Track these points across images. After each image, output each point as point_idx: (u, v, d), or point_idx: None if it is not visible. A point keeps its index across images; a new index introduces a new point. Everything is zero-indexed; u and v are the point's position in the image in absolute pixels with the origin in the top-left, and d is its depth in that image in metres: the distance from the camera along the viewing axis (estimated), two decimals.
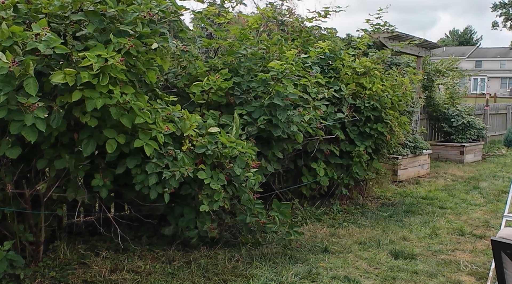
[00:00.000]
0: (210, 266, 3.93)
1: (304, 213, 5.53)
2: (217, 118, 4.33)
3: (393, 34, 8.19)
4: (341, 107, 5.74)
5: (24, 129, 2.88)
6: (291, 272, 3.89)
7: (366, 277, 3.92)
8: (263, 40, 5.19)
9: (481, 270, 4.15)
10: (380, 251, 4.51)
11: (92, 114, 3.17)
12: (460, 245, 4.84)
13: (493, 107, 14.40)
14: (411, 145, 8.37)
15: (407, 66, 8.73)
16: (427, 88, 10.52)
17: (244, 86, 4.74)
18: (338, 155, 5.72)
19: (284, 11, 6.86)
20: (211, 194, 3.81)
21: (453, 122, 10.69)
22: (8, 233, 3.55)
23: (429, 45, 9.76)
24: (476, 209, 6.34)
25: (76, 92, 3.00)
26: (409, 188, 7.58)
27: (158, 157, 3.54)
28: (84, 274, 3.67)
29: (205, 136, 3.85)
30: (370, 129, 5.92)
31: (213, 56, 5.33)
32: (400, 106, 6.35)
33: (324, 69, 5.94)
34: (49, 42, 2.83)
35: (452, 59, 13.47)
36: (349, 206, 6.14)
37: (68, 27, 3.16)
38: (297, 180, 5.70)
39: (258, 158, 4.48)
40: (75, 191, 3.64)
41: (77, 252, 3.96)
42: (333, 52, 5.98)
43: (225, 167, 3.91)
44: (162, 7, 3.47)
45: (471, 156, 10.71)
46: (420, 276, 3.98)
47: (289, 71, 4.74)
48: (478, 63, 54.52)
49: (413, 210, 6.12)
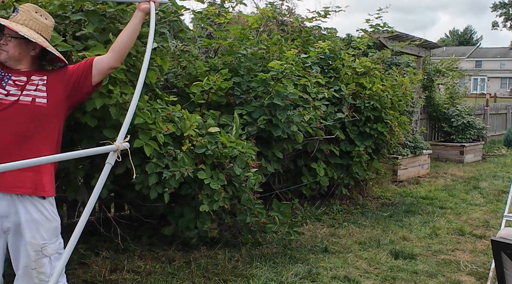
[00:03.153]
0: (210, 266, 3.93)
1: (304, 213, 5.53)
2: (217, 118, 4.33)
3: (393, 34, 8.19)
4: (341, 107, 5.74)
5: None
6: (291, 272, 3.89)
7: (366, 277, 3.92)
8: (263, 40, 5.19)
9: (481, 270, 4.15)
10: (380, 251, 4.51)
11: (92, 114, 3.17)
12: (460, 245, 4.84)
13: (493, 107, 14.40)
14: (411, 144, 8.37)
15: (407, 66, 8.73)
16: (427, 88, 10.51)
17: (244, 86, 4.74)
18: (338, 155, 5.72)
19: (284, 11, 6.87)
20: (211, 194, 3.81)
21: (453, 122, 10.69)
22: None
23: (429, 45, 9.77)
24: (476, 209, 6.34)
25: None
26: (409, 188, 7.58)
27: (158, 157, 3.54)
28: (84, 274, 3.67)
29: (205, 136, 3.85)
30: (370, 129, 5.91)
31: (213, 56, 5.33)
32: (400, 106, 6.35)
33: (324, 69, 5.94)
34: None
35: (452, 59, 13.48)
36: (349, 206, 6.15)
37: (68, 27, 3.16)
38: (297, 180, 5.70)
39: (258, 158, 4.48)
40: (75, 191, 3.64)
41: (77, 252, 3.96)
42: (333, 52, 5.98)
43: (225, 167, 3.91)
44: (162, 7, 3.47)
45: (471, 156, 10.71)
46: (420, 276, 3.98)
47: (289, 71, 4.74)
48: (478, 63, 54.51)
49: (413, 210, 6.12)
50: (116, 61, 2.51)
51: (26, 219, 2.28)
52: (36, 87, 2.35)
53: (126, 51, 2.57)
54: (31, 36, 2.29)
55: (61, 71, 2.46)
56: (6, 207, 2.28)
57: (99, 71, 2.47)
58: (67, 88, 2.42)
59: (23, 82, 2.34)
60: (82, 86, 2.45)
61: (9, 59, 2.34)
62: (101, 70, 2.47)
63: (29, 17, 2.35)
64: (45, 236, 2.33)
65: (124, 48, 2.52)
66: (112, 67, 2.53)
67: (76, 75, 2.44)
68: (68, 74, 2.44)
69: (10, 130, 2.27)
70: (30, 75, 2.37)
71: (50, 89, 2.37)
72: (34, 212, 2.30)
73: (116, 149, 1.89)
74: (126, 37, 2.52)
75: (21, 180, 2.25)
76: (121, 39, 2.51)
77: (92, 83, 2.46)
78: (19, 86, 2.33)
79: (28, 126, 2.29)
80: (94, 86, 2.49)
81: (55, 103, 2.37)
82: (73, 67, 2.48)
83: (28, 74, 2.37)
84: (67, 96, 2.42)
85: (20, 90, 2.32)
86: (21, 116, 2.28)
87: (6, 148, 2.25)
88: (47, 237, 2.33)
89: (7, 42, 2.33)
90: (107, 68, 2.50)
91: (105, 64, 2.47)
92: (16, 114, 2.28)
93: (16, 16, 2.34)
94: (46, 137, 2.36)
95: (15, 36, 2.31)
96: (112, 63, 2.49)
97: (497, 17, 61.11)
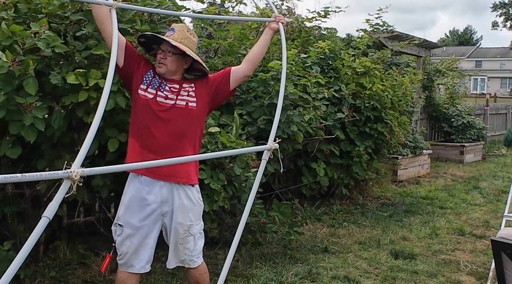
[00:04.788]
0: (210, 266, 3.93)
1: (304, 213, 5.53)
2: (217, 118, 4.33)
3: (393, 34, 8.20)
4: (341, 107, 5.74)
5: (23, 129, 2.87)
6: (291, 272, 3.90)
7: (366, 277, 3.92)
8: None
9: (481, 270, 4.15)
10: (380, 251, 4.51)
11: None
12: (460, 245, 4.84)
13: (493, 107, 14.40)
14: (411, 144, 8.37)
15: (407, 66, 8.72)
16: (427, 88, 10.51)
17: (244, 86, 4.74)
18: (338, 155, 5.72)
19: (284, 11, 6.86)
20: (211, 194, 3.80)
21: (453, 122, 10.69)
22: (8, 233, 3.55)
23: (429, 45, 9.77)
24: (476, 209, 6.34)
25: (83, 93, 2.99)
26: (409, 188, 7.58)
27: None
28: (84, 274, 3.67)
29: (205, 136, 3.85)
30: (370, 129, 5.91)
31: (213, 56, 5.33)
32: (400, 106, 6.35)
33: (324, 69, 5.93)
34: (48, 40, 2.82)
35: (452, 59, 13.48)
36: (349, 206, 6.15)
37: (68, 27, 3.15)
38: (297, 180, 5.70)
39: (258, 158, 4.48)
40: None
41: (77, 252, 3.96)
42: (333, 52, 5.98)
43: (225, 166, 3.91)
44: (163, 7, 3.47)
45: (471, 155, 10.71)
46: (420, 276, 3.98)
47: (289, 71, 4.73)
48: (478, 63, 54.50)
49: (413, 210, 6.12)
50: (250, 70, 2.96)
51: (179, 203, 2.71)
52: (188, 93, 2.76)
53: (258, 62, 3.06)
54: (192, 54, 2.72)
55: (204, 80, 2.87)
56: (166, 194, 2.69)
57: (236, 79, 2.89)
58: (210, 94, 2.84)
59: (176, 89, 2.75)
60: (221, 92, 2.88)
61: (167, 72, 2.74)
62: (237, 78, 2.89)
63: (184, 36, 2.74)
64: (192, 218, 2.77)
65: (257, 59, 2.97)
66: (246, 76, 2.99)
67: (216, 83, 2.86)
68: (210, 82, 2.86)
69: (169, 129, 2.68)
70: (182, 84, 2.78)
71: (198, 95, 2.79)
72: (185, 198, 2.74)
73: (270, 148, 2.30)
74: (258, 50, 2.96)
75: (177, 170, 2.69)
76: (254, 52, 2.96)
77: (229, 89, 2.89)
78: (174, 92, 2.73)
79: (183, 125, 2.72)
80: (231, 91, 2.93)
81: (201, 106, 2.80)
82: (213, 77, 2.90)
83: (180, 83, 2.78)
84: (209, 100, 2.85)
85: (176, 95, 2.73)
86: (178, 117, 2.71)
87: (167, 144, 2.67)
88: (193, 219, 2.78)
89: (167, 57, 2.71)
90: (242, 77, 2.94)
91: (241, 73, 2.90)
92: (174, 116, 2.70)
93: (173, 35, 2.72)
94: (194, 134, 2.80)
95: (174, 53, 2.71)
96: (247, 72, 2.94)
97: (497, 17, 61.19)
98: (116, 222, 2.75)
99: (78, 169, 1.41)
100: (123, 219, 2.72)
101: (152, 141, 2.66)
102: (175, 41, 2.67)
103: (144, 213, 2.68)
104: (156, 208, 2.69)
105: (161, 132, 2.66)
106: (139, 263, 2.73)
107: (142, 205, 2.68)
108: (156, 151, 2.63)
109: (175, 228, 2.73)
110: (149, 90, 2.70)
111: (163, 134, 2.66)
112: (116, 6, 2.28)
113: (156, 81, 2.74)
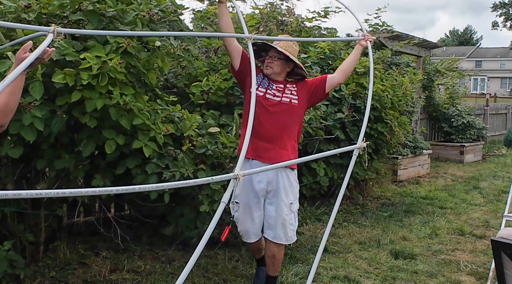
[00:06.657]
0: (210, 266, 3.93)
1: (304, 213, 5.52)
2: (217, 118, 4.33)
3: (392, 34, 8.19)
4: (341, 107, 5.73)
5: (22, 129, 2.87)
6: (291, 272, 3.89)
7: (366, 277, 3.92)
8: None
9: (481, 270, 4.15)
10: (380, 251, 4.51)
11: (92, 115, 3.16)
12: (460, 245, 4.84)
13: (493, 107, 14.40)
14: (411, 144, 8.36)
15: (407, 66, 8.72)
16: (427, 88, 10.51)
17: None
18: (338, 154, 5.71)
19: (284, 11, 6.85)
20: (211, 194, 3.80)
21: (453, 122, 10.69)
22: (8, 233, 3.55)
23: (429, 45, 9.77)
24: (476, 209, 6.34)
25: (76, 93, 3.00)
26: (409, 188, 7.58)
27: (158, 157, 3.54)
28: (84, 274, 3.67)
29: (205, 136, 3.85)
30: (370, 129, 5.91)
31: (213, 56, 5.33)
32: (400, 106, 6.35)
33: (324, 69, 5.93)
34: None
35: (452, 59, 13.49)
36: (349, 206, 6.14)
37: (67, 27, 3.14)
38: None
39: None
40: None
41: (77, 252, 3.96)
42: (333, 52, 5.97)
43: (225, 167, 3.91)
44: (162, 7, 3.46)
45: (471, 156, 10.71)
46: (420, 276, 3.98)
47: None
48: (478, 63, 54.49)
49: (413, 210, 6.12)
50: (343, 79, 3.49)
51: (283, 184, 3.25)
52: (291, 92, 3.33)
53: (350, 72, 3.65)
54: (294, 59, 3.28)
55: (303, 82, 3.42)
56: (272, 175, 3.24)
57: (331, 85, 3.42)
58: (308, 94, 3.39)
59: (281, 88, 3.33)
60: (318, 94, 3.43)
61: (273, 74, 3.32)
62: (331, 84, 3.43)
63: (287, 45, 3.31)
64: (292, 197, 3.30)
65: (349, 70, 3.49)
66: (339, 83, 3.56)
67: (314, 86, 3.40)
68: (309, 85, 3.41)
69: (276, 122, 3.23)
70: (285, 84, 3.37)
71: (299, 94, 3.34)
72: (287, 179, 3.27)
73: (359, 147, 2.55)
74: (351, 62, 3.46)
75: (282, 156, 3.20)
76: (347, 63, 3.46)
77: (325, 92, 3.42)
78: (280, 91, 3.31)
79: (287, 119, 3.28)
80: (325, 95, 3.45)
81: (302, 104, 3.36)
82: (311, 81, 3.46)
83: (284, 83, 3.37)
84: (308, 99, 3.40)
85: (281, 93, 3.30)
86: (283, 112, 3.26)
87: (274, 134, 3.22)
88: (293, 198, 3.31)
89: (273, 61, 3.30)
90: (336, 84, 3.50)
91: (335, 80, 3.43)
92: (280, 110, 3.25)
93: (280, 43, 3.29)
94: (295, 128, 3.35)
95: (279, 57, 3.29)
96: (340, 80, 3.47)
97: (497, 17, 61.18)
98: (233, 200, 3.30)
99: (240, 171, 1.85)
100: (239, 197, 3.28)
101: (261, 130, 3.17)
102: (281, 48, 3.24)
103: (254, 192, 3.25)
104: (264, 187, 3.24)
105: (269, 123, 3.21)
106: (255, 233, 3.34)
107: (253, 185, 3.24)
108: (264, 138, 3.19)
109: (280, 206, 3.24)
110: (260, 89, 3.26)
111: (270, 124, 3.21)
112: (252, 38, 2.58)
113: (265, 82, 3.31)
